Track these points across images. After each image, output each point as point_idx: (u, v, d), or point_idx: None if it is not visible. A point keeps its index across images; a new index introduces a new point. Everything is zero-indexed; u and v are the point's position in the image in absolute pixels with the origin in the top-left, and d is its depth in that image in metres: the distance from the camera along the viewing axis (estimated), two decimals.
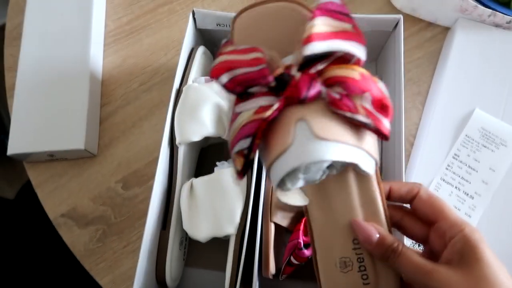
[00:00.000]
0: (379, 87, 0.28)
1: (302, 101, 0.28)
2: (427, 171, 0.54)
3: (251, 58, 0.28)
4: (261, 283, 0.42)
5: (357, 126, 0.28)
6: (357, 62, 0.29)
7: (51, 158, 0.57)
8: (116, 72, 0.62)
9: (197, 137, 0.44)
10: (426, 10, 0.60)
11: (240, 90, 0.29)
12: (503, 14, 0.56)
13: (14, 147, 0.54)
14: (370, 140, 0.29)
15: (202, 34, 0.53)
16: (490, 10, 0.56)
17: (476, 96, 0.56)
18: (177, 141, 0.45)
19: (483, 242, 0.29)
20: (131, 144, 0.58)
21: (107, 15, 0.65)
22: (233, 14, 0.49)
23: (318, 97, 0.28)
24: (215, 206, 0.42)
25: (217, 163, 0.45)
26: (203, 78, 0.48)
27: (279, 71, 0.28)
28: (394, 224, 0.34)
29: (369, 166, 0.29)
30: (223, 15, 0.49)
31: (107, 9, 0.65)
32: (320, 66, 0.28)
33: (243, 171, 0.29)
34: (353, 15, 0.44)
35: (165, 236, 0.44)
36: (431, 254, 0.32)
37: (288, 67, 0.28)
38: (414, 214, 0.34)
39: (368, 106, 0.28)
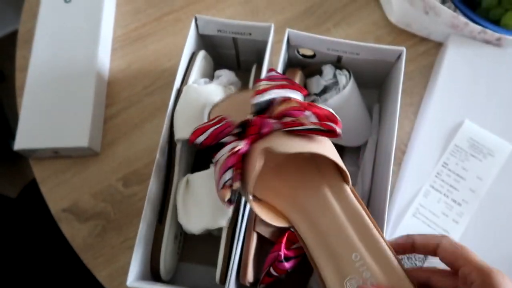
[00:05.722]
0: (321, 107, 0.37)
1: (261, 136, 0.36)
2: (417, 178, 0.55)
3: (215, 121, 0.40)
4: None
5: (310, 137, 0.36)
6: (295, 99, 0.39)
7: (56, 155, 0.59)
8: (121, 76, 0.65)
9: None
10: (420, 25, 0.63)
11: (215, 143, 0.39)
12: (492, 32, 0.59)
13: (20, 142, 0.57)
14: (328, 144, 0.37)
15: (204, 39, 0.56)
16: (481, 27, 0.59)
17: (466, 108, 0.58)
18: (176, 137, 0.47)
19: (504, 280, 0.30)
20: (133, 144, 0.61)
21: (115, 21, 0.68)
22: (233, 22, 0.51)
23: (272, 130, 0.36)
24: (209, 200, 0.44)
25: (213, 160, 0.47)
26: (202, 80, 0.50)
27: (241, 121, 0.39)
28: (422, 285, 0.36)
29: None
30: (224, 21, 0.51)
31: (116, 16, 0.68)
32: (268, 111, 0.38)
33: (231, 200, 0.36)
34: (358, 43, 0.49)
35: (161, 229, 0.46)
36: None
37: (247, 118, 0.38)
38: (441, 272, 0.35)
39: (315, 120, 0.36)
